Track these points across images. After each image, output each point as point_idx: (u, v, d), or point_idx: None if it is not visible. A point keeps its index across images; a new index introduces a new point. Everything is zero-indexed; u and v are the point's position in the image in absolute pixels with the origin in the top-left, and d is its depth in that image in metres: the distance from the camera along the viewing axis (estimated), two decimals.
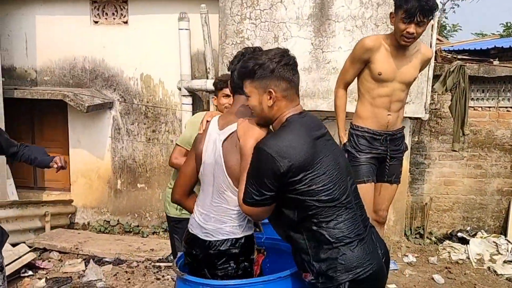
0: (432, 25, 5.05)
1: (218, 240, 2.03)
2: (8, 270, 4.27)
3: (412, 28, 2.74)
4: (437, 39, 5.70)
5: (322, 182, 1.81)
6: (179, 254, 2.33)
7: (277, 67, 1.85)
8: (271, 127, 2.02)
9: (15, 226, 5.09)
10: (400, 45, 2.89)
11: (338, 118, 3.22)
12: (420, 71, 3.13)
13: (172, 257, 4.85)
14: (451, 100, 5.38)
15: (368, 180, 3.11)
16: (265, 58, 1.86)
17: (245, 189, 1.87)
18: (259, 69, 1.85)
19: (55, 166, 2.87)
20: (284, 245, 2.21)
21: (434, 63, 5.40)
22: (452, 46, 7.05)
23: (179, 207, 3.03)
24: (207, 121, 2.16)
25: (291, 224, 1.90)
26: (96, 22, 5.95)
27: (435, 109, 5.79)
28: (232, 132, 2.01)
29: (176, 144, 3.16)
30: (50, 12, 5.97)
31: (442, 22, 12.34)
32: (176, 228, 3.14)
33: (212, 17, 5.39)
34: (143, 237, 5.88)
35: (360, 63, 3.03)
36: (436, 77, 5.37)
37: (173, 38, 5.62)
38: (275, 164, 1.78)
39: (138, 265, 4.86)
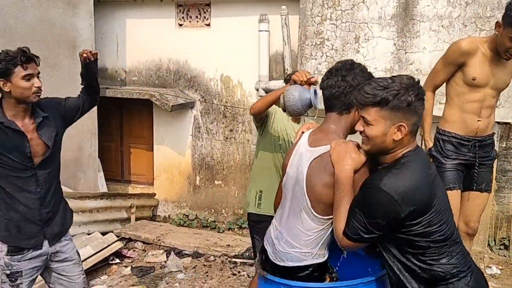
0: None
1: (285, 266, 2.01)
2: (98, 258, 4.63)
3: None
4: None
5: (438, 223, 1.72)
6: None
7: (415, 100, 1.71)
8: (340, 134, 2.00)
9: (104, 216, 5.48)
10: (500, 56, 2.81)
11: (424, 122, 3.10)
12: None
13: (247, 254, 4.97)
14: None
15: (454, 187, 3.00)
16: (400, 87, 1.71)
17: (350, 223, 1.78)
18: (394, 99, 1.70)
19: (82, 58, 2.69)
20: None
21: None
22: None
23: (257, 202, 3.09)
24: (302, 132, 2.13)
25: (392, 258, 1.81)
26: (180, 25, 6.24)
27: None
28: (323, 153, 1.92)
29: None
30: (139, 16, 6.35)
31: None
32: (256, 228, 3.14)
33: (292, 18, 5.43)
34: (219, 232, 6.07)
35: (454, 66, 2.92)
36: None
37: (253, 39, 5.74)
38: (396, 208, 1.67)
39: (215, 259, 5.03)
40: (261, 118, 2.98)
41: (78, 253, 2.85)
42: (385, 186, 1.69)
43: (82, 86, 2.86)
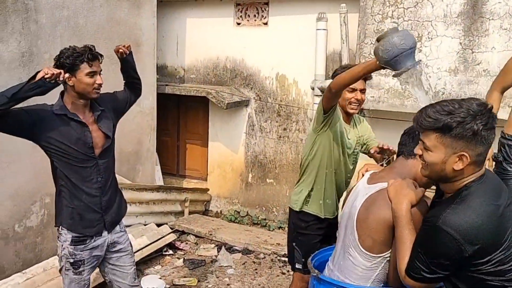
0: None
1: None
2: (153, 248, 4.79)
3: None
4: None
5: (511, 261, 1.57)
6: (314, 253, 2.37)
7: (482, 129, 1.56)
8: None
9: (160, 208, 5.65)
10: None
11: None
12: None
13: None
14: None
15: None
16: (467, 114, 1.56)
17: (412, 262, 1.68)
18: (458, 127, 1.56)
19: (118, 54, 2.85)
20: None
21: None
22: None
23: (305, 199, 2.88)
24: (362, 174, 2.10)
25: None
26: (238, 24, 6.30)
27: None
28: (380, 189, 1.88)
29: None
30: (199, 15, 6.49)
31: None
32: (299, 238, 2.92)
33: (350, 16, 5.33)
34: (269, 230, 6.07)
35: None
36: None
37: (310, 38, 5.69)
38: (458, 248, 1.54)
39: (264, 257, 5.04)
40: (332, 106, 2.63)
41: (131, 244, 2.95)
42: (443, 224, 1.56)
43: (124, 82, 2.99)
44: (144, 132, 5.91)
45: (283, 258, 4.98)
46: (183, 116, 6.94)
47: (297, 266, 2.92)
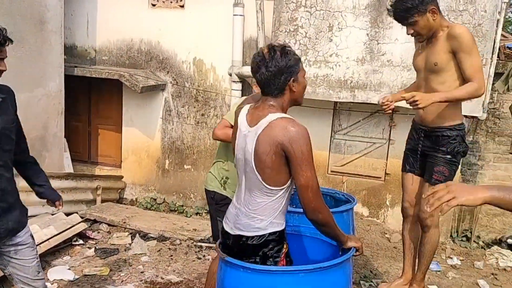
0: (498, 20, 4.80)
1: (247, 236, 2.07)
2: (61, 238, 4.54)
3: (408, 30, 2.89)
4: (502, 35, 5.41)
5: None
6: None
7: None
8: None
9: (69, 196, 5.37)
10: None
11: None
12: (454, 52, 2.75)
13: (212, 239, 4.96)
14: None
15: (404, 169, 3.24)
16: None
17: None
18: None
19: (55, 208, 2.91)
20: (306, 229, 2.40)
21: (497, 60, 5.13)
22: None
23: (223, 182, 3.08)
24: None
25: None
26: (153, 5, 6.10)
27: (494, 108, 5.52)
28: (264, 128, 1.97)
29: (223, 118, 3.18)
30: None
31: (507, 17, 11.66)
32: (219, 208, 3.08)
33: (266, 3, 5.39)
34: (186, 216, 6.04)
35: None
36: (497, 75, 5.11)
37: (227, 23, 5.68)
38: None
39: (180, 243, 5.00)
40: None
41: (32, 237, 2.75)
42: None
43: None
44: (50, 116, 5.56)
45: (199, 244, 4.98)
46: (95, 100, 6.62)
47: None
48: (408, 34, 2.86)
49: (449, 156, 3.00)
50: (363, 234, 5.33)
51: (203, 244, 4.94)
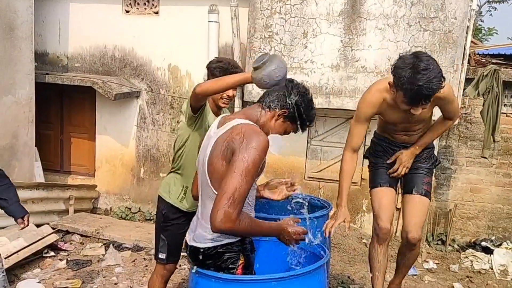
0: (468, 27, 4.91)
1: (199, 248, 1.99)
2: (31, 250, 4.40)
3: (417, 110, 2.45)
4: (472, 41, 5.53)
5: None
6: None
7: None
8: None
9: (40, 207, 5.21)
10: None
11: (341, 182, 2.93)
12: (439, 105, 2.78)
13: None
14: (483, 105, 5.22)
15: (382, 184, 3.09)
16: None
17: None
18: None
19: (22, 225, 2.89)
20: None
21: (468, 66, 5.25)
22: (487, 49, 6.84)
23: (181, 194, 2.84)
24: None
25: None
26: (127, 12, 6.02)
27: (465, 113, 5.63)
28: (226, 130, 1.91)
29: None
30: (84, 0, 6.07)
31: (477, 25, 12.01)
32: (167, 228, 2.86)
33: (241, 10, 5.38)
34: None
35: (367, 121, 2.86)
36: (468, 81, 5.22)
37: (202, 30, 5.64)
38: None
39: None
40: (200, 106, 2.66)
41: None
42: None
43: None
44: (20, 125, 5.40)
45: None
46: (67, 107, 6.47)
47: (160, 256, 2.88)
48: (416, 112, 2.49)
49: (432, 166, 3.08)
50: (340, 239, 5.34)
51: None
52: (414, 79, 2.28)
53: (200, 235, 2.00)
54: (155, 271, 2.96)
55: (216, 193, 1.84)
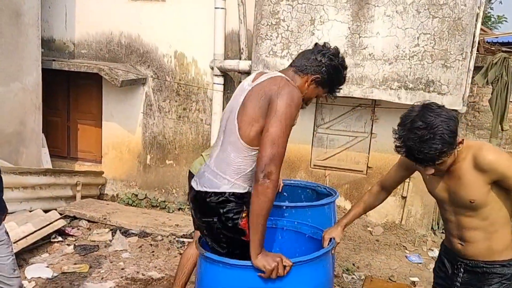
0: (478, 14, 4.84)
1: (207, 192, 2.00)
2: (39, 235, 4.45)
3: (429, 171, 1.95)
4: (481, 29, 5.46)
5: None
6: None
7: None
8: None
9: (47, 193, 5.26)
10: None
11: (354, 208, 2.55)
12: (491, 182, 1.97)
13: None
14: (492, 94, 5.17)
15: None
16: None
17: None
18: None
19: None
20: (286, 223, 2.39)
21: (476, 54, 5.19)
22: (497, 37, 6.75)
23: None
24: None
25: None
26: None
27: (474, 102, 5.59)
28: (263, 81, 1.95)
29: None
30: None
31: (487, 13, 11.83)
32: None
33: None
34: (169, 212, 5.98)
35: (407, 170, 2.38)
36: (477, 69, 5.17)
37: (208, 17, 5.61)
38: None
39: (162, 239, 4.95)
40: None
41: (7, 233, 2.70)
42: None
43: None
44: (27, 111, 5.42)
45: (181, 239, 4.94)
46: (74, 94, 6.49)
47: None
48: (428, 175, 1.99)
49: None
50: (346, 227, 5.34)
51: (185, 240, 4.90)
52: (404, 136, 1.86)
53: (208, 180, 2.01)
54: (194, 239, 3.07)
55: (244, 143, 1.92)
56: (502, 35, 7.12)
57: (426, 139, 1.81)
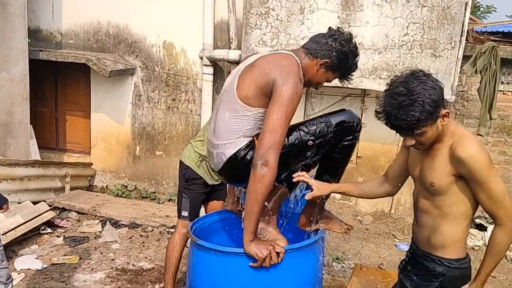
0: (466, 3, 4.85)
1: (226, 162, 2.01)
2: (28, 227, 4.42)
3: (409, 141, 1.86)
4: (470, 18, 5.47)
5: None
6: (195, 220, 2.37)
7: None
8: None
9: (36, 184, 5.22)
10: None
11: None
12: (461, 177, 1.85)
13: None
14: (480, 83, 5.19)
15: None
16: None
17: None
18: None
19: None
20: None
21: (466, 43, 5.20)
22: (485, 27, 6.78)
23: (199, 161, 3.15)
24: None
25: None
26: None
27: (462, 91, 5.61)
28: (266, 55, 1.97)
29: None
30: None
31: (476, 2, 11.87)
32: (188, 188, 3.19)
33: None
34: (159, 203, 5.97)
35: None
36: (466, 58, 5.18)
37: (197, 6, 5.56)
38: None
39: (152, 230, 4.94)
40: None
41: None
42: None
43: None
44: (15, 102, 5.35)
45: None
46: (62, 85, 6.41)
47: (183, 214, 3.19)
48: (408, 145, 1.91)
49: None
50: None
51: None
52: (385, 101, 1.80)
53: (218, 155, 2.03)
54: (177, 230, 3.24)
55: (243, 104, 1.92)
56: (490, 24, 7.16)
57: (404, 105, 1.72)
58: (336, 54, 2.00)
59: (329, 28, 2.09)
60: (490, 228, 5.25)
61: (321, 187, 2.10)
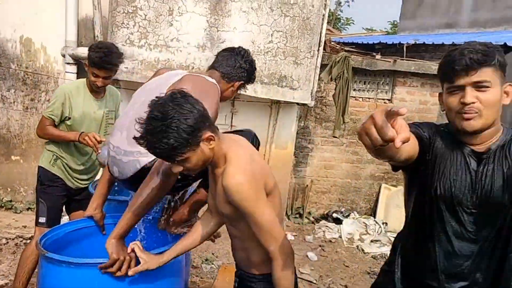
0: (324, 15, 5.29)
1: (132, 176, 2.06)
2: None
3: (174, 168, 1.71)
4: (328, 29, 6.00)
5: None
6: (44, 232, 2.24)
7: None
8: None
9: None
10: None
11: None
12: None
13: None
14: (335, 89, 5.72)
15: None
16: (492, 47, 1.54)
17: None
18: (502, 58, 1.54)
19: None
20: None
21: (323, 52, 5.68)
22: (341, 38, 7.48)
23: (52, 159, 3.15)
24: None
25: None
26: None
27: (321, 97, 6.11)
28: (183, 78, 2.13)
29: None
30: None
31: (337, 15, 13.01)
32: (45, 191, 3.11)
33: None
34: (16, 213, 5.44)
35: None
36: (323, 66, 5.66)
37: (60, 0, 5.19)
38: None
39: (7, 242, 4.50)
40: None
41: None
42: None
43: None
44: None
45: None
46: None
47: (40, 220, 3.08)
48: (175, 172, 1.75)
49: None
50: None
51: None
52: (143, 126, 1.63)
53: (128, 163, 2.05)
54: (34, 238, 3.10)
55: None
56: (346, 36, 7.92)
57: (158, 131, 1.58)
58: (247, 74, 2.32)
59: (234, 48, 2.37)
60: (345, 221, 5.83)
61: (150, 261, 1.90)
